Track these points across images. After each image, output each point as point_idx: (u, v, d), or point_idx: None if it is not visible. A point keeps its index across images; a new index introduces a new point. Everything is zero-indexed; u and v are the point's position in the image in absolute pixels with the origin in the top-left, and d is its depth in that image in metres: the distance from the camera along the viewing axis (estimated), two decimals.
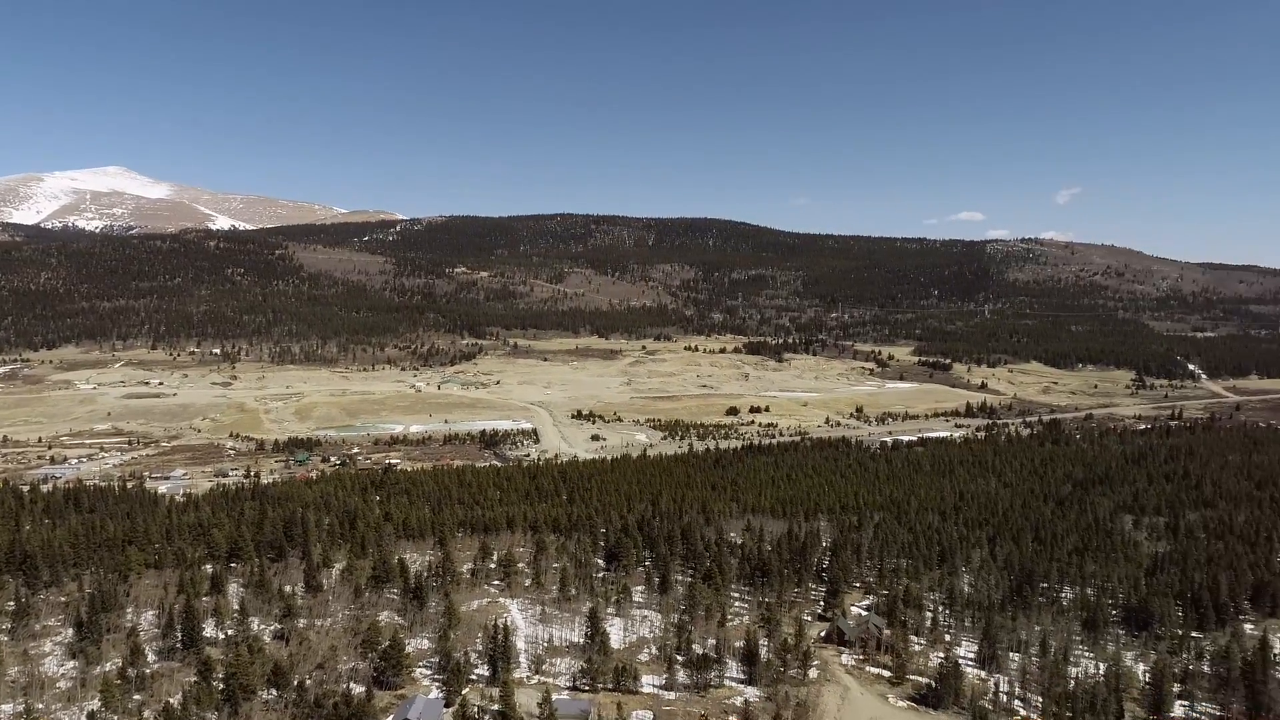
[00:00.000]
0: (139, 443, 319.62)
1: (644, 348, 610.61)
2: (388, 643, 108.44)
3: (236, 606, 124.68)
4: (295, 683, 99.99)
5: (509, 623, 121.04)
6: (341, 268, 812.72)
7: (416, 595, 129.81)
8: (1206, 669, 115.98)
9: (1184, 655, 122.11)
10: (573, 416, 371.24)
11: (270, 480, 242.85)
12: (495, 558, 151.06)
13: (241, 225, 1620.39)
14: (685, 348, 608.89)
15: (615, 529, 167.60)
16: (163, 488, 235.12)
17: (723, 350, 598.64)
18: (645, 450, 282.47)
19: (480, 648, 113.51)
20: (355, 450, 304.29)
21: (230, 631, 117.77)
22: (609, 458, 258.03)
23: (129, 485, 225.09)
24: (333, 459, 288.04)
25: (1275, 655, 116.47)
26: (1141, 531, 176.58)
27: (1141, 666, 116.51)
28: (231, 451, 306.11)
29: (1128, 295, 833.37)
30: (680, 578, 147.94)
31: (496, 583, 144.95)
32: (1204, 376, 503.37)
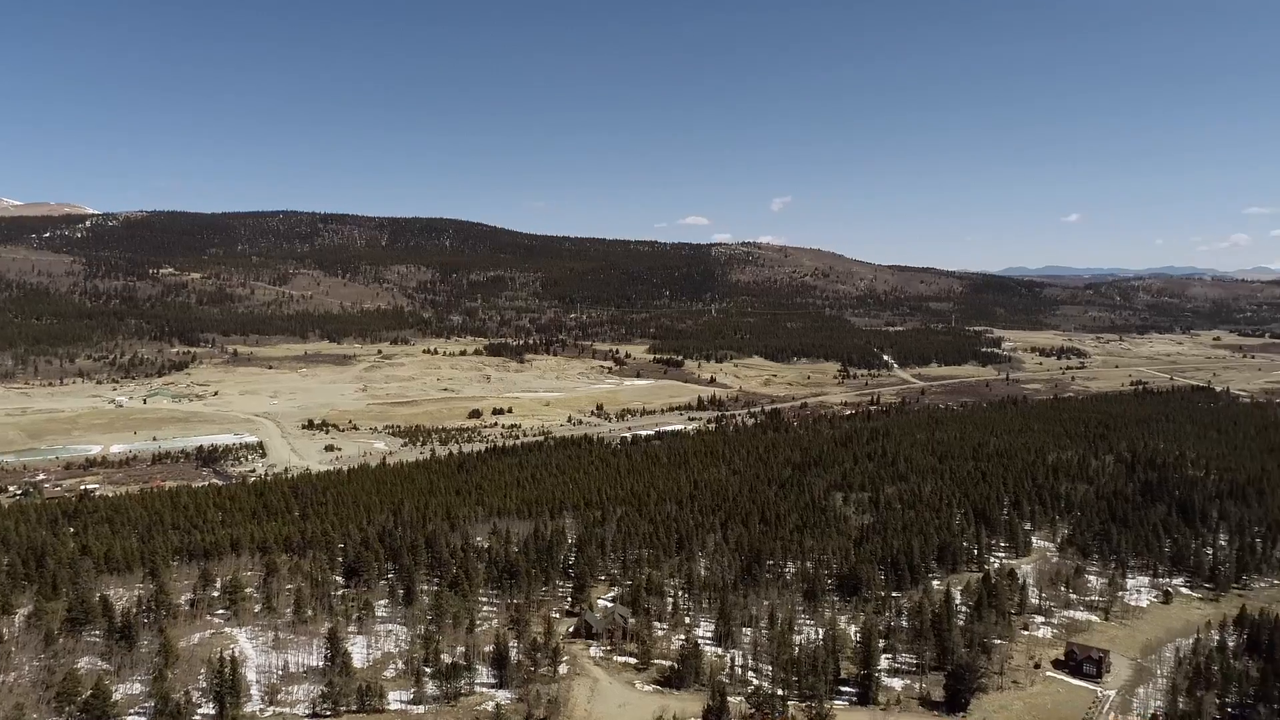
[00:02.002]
0: None
1: (380, 352, 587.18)
2: (90, 692, 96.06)
3: None
4: None
5: (237, 653, 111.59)
6: (16, 268, 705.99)
7: (125, 635, 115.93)
8: (905, 624, 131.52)
9: (887, 614, 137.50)
10: (304, 427, 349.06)
11: None
12: (219, 584, 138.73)
13: None
14: (424, 351, 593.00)
15: (355, 543, 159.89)
16: None
17: (463, 352, 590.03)
18: (385, 458, 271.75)
19: (205, 684, 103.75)
20: (41, 477, 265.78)
21: None
22: (345, 468, 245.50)
23: None
24: (12, 488, 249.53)
25: (956, 606, 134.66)
26: (850, 507, 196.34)
27: (853, 628, 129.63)
28: None
29: (833, 294, 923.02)
30: (426, 587, 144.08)
31: (222, 611, 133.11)
32: (896, 366, 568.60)
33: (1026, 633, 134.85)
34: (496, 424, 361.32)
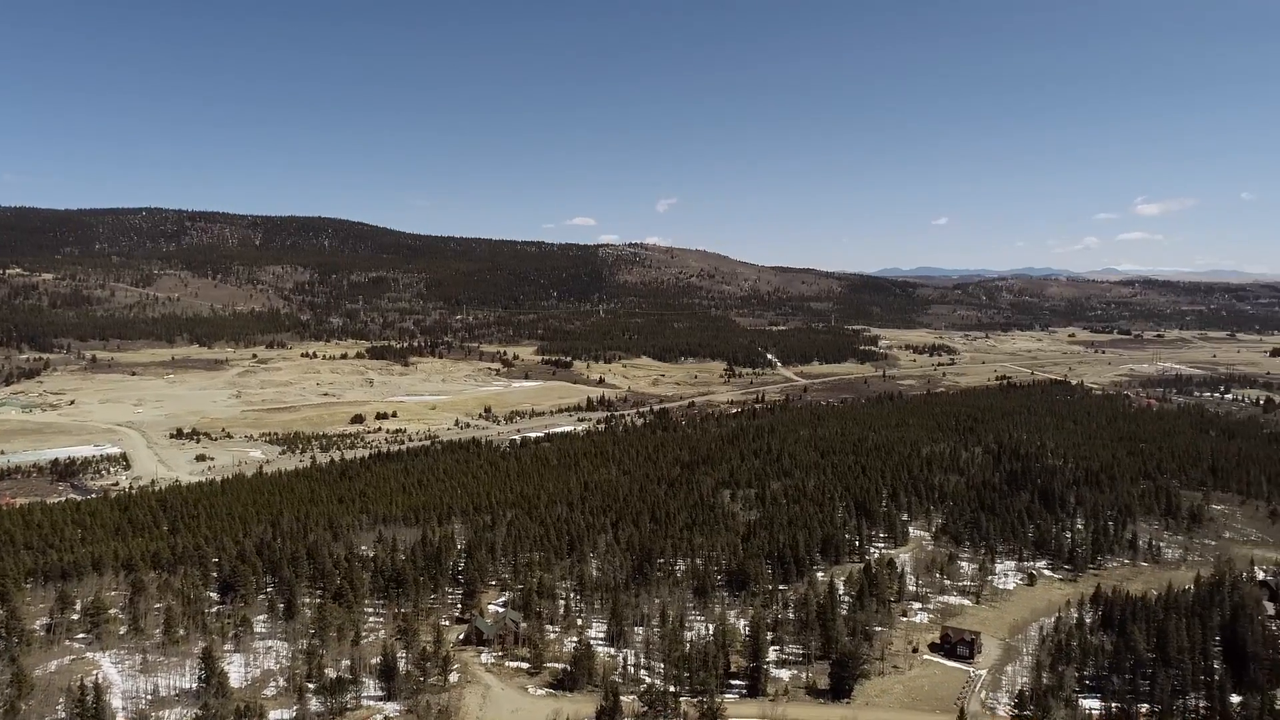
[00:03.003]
0: None
1: (255, 356, 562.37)
2: None
3: None
4: None
5: (100, 680, 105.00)
6: None
7: None
8: (792, 615, 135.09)
9: (774, 607, 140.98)
10: (172, 436, 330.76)
11: None
12: (79, 607, 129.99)
13: None
14: (303, 354, 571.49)
15: (230, 557, 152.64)
16: None
17: (344, 356, 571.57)
18: (261, 467, 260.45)
19: (64, 714, 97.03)
20: None
21: None
22: (219, 479, 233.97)
23: None
24: None
25: (840, 596, 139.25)
26: (738, 503, 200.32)
27: (742, 622, 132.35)
28: None
29: (718, 295, 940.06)
30: (309, 600, 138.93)
31: (83, 636, 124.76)
32: (779, 364, 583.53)
33: (905, 619, 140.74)
34: (381, 429, 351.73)
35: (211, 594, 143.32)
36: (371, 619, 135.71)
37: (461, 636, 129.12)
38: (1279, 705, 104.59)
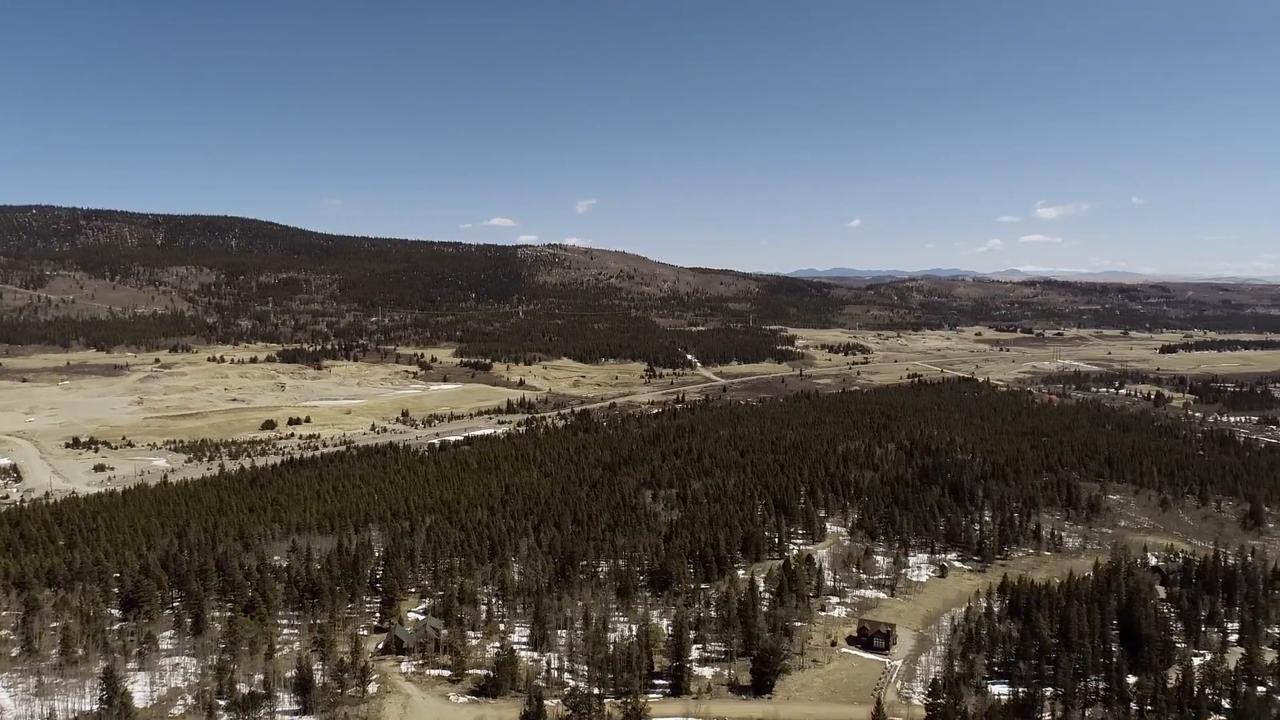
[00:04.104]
0: None
1: (158, 361, 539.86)
2: None
3: None
4: None
5: None
6: None
7: None
8: (714, 613, 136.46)
9: (697, 605, 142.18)
10: (68, 446, 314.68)
11: None
12: None
13: None
14: (209, 359, 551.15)
15: (133, 571, 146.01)
16: None
17: (254, 360, 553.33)
18: (166, 477, 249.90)
19: None
20: None
21: None
22: (120, 490, 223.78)
23: None
24: None
25: (760, 593, 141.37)
26: (659, 503, 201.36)
27: (665, 621, 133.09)
28: None
29: (638, 296, 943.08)
30: (219, 614, 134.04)
31: None
32: (699, 364, 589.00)
33: (824, 613, 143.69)
34: (293, 435, 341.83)
35: (113, 611, 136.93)
36: (286, 631, 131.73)
37: (381, 646, 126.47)
38: (1170, 684, 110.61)
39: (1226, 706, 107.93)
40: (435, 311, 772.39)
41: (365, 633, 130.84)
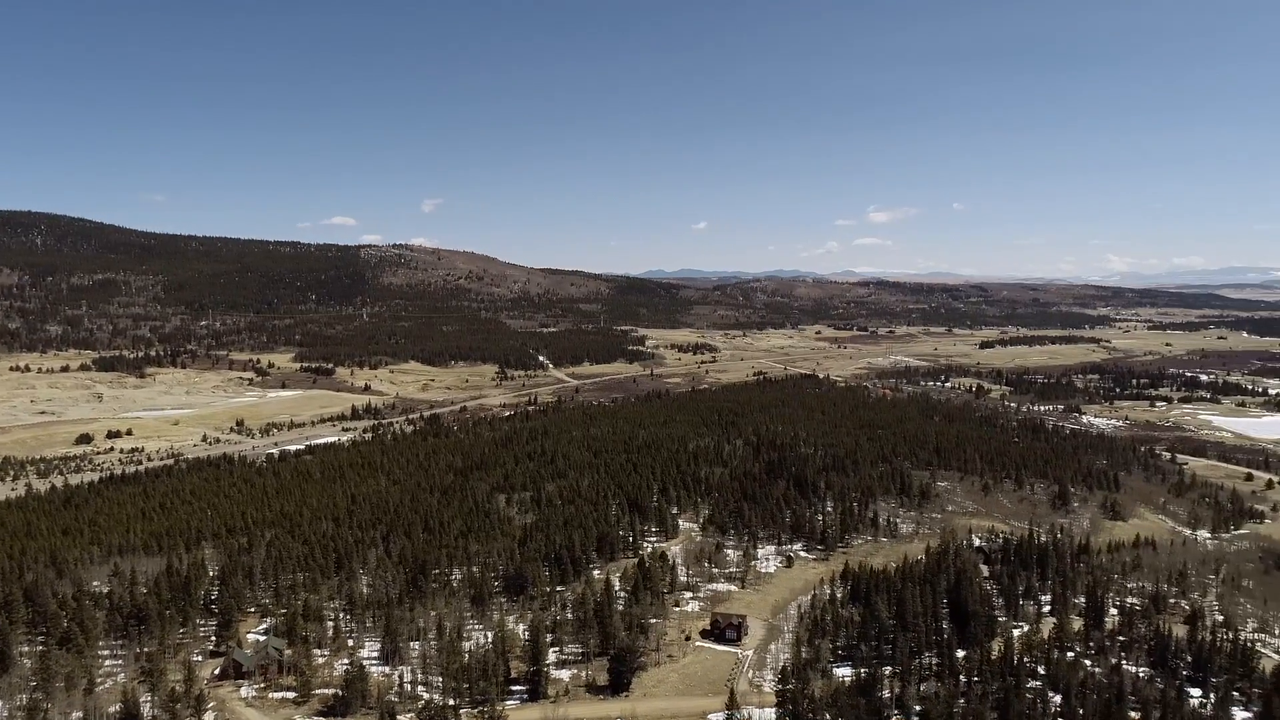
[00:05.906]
0: None
1: None
2: None
3: None
4: None
5: None
6: None
7: None
8: (570, 615, 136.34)
9: (553, 608, 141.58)
10: None
11: None
12: None
13: None
14: (12, 368, 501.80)
15: None
16: None
17: (66, 368, 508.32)
18: None
19: None
20: None
21: None
22: None
23: None
24: None
25: (616, 592, 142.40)
26: (514, 507, 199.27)
27: (521, 626, 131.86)
28: None
29: (488, 297, 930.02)
30: (29, 649, 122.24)
31: None
32: (551, 365, 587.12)
33: (678, 609, 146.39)
34: (113, 449, 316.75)
35: None
36: (109, 663, 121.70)
37: (218, 671, 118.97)
38: (994, 655, 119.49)
39: (1042, 673, 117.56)
40: (272, 314, 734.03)
41: (200, 658, 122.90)
